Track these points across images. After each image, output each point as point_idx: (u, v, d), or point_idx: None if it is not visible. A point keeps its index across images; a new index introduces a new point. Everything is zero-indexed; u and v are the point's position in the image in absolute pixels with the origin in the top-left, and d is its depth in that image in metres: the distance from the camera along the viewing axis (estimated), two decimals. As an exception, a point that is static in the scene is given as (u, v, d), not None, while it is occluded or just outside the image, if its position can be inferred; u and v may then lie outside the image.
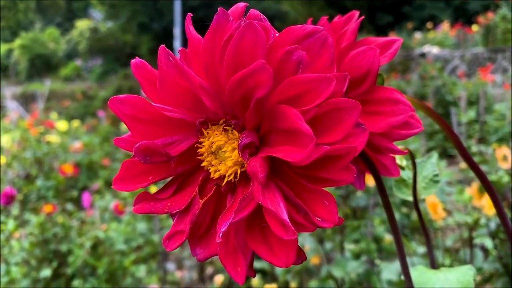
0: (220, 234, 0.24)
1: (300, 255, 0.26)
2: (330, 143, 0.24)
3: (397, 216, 1.60)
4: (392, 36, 8.90)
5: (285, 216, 0.23)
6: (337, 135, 0.25)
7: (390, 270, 1.24)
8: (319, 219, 0.24)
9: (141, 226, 2.01)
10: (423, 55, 7.27)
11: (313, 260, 1.51)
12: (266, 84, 0.24)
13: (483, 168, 1.86)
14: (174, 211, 0.29)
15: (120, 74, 11.69)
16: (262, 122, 0.27)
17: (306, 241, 1.53)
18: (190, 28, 0.28)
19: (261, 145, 0.27)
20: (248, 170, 0.25)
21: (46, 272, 1.61)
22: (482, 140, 3.44)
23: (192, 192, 0.29)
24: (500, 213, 0.46)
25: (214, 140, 0.28)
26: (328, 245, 1.56)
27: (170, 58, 0.26)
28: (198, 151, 0.29)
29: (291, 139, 0.25)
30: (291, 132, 0.24)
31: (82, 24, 14.63)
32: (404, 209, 1.63)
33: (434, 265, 0.52)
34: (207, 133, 0.28)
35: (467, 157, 0.44)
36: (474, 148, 2.64)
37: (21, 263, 1.69)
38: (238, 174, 0.28)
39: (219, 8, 0.26)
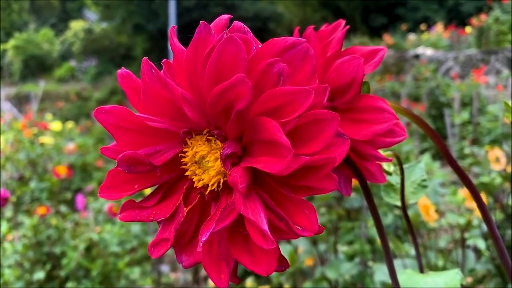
0: (201, 244, 0.25)
1: (282, 262, 0.27)
2: (311, 154, 0.25)
3: (390, 217, 1.60)
4: (386, 37, 8.94)
5: (265, 226, 0.24)
6: (317, 146, 0.25)
7: (383, 272, 1.24)
8: (299, 228, 0.25)
9: (135, 228, 2.01)
10: (417, 56, 7.30)
11: (307, 261, 1.51)
12: (245, 97, 0.24)
13: (476, 169, 1.88)
14: (159, 219, 0.30)
15: (114, 75, 11.62)
16: (244, 133, 0.27)
17: (300, 242, 1.53)
18: (174, 40, 0.28)
19: (243, 154, 0.28)
20: (229, 180, 0.26)
21: (40, 275, 1.61)
22: (475, 141, 3.45)
23: (177, 201, 0.30)
24: (485, 217, 0.47)
25: (197, 150, 0.28)
26: (322, 246, 1.56)
27: (153, 71, 0.26)
28: (182, 160, 0.29)
29: (270, 150, 0.25)
30: (270, 143, 0.25)
31: (76, 25, 14.58)
32: (397, 211, 1.64)
33: (422, 268, 0.53)
34: (191, 143, 0.29)
35: (453, 163, 0.44)
36: (467, 150, 2.65)
37: (14, 266, 1.68)
38: (221, 183, 0.28)
39: (201, 21, 0.26)
